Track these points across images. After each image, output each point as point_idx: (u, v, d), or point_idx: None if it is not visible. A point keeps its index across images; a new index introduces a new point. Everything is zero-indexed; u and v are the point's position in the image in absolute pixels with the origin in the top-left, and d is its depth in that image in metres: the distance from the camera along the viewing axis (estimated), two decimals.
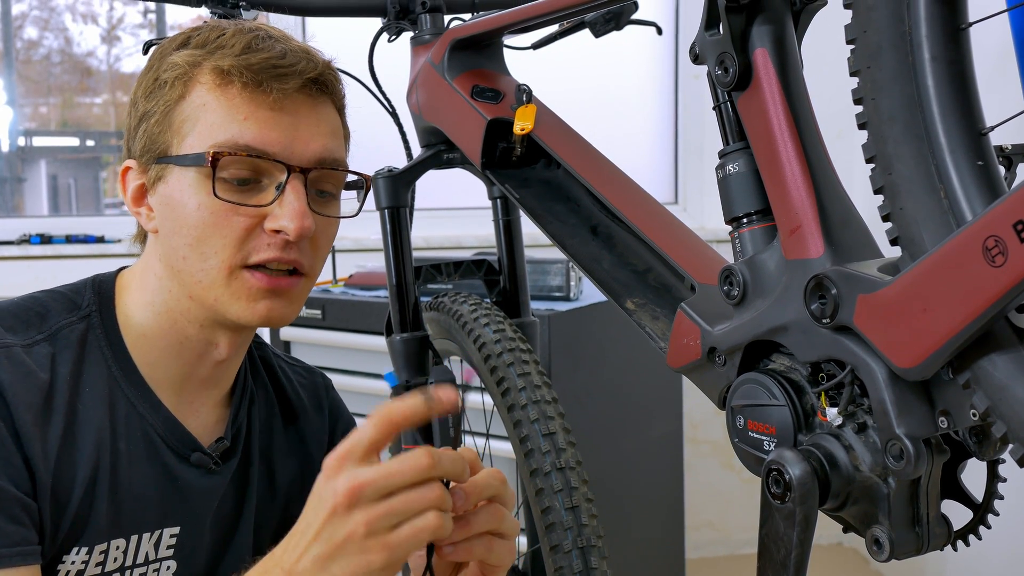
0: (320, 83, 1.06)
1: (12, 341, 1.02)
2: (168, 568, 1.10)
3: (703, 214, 3.47)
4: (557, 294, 2.30)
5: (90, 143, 3.76)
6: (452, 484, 0.90)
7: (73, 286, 1.11)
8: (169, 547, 1.10)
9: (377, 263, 2.53)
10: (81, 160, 3.71)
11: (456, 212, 3.32)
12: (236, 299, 1.03)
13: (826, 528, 0.87)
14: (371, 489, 0.82)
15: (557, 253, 1.38)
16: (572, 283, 2.30)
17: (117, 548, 1.06)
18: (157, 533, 1.09)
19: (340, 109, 1.12)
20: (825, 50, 1.56)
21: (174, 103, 1.03)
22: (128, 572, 1.07)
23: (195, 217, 1.01)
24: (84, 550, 1.03)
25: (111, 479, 1.04)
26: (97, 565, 1.04)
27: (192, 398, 1.12)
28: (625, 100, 3.52)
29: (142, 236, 1.12)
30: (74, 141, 3.75)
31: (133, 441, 1.07)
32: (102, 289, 1.10)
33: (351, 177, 1.12)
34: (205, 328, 1.07)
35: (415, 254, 1.46)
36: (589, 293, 2.37)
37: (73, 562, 1.02)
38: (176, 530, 1.10)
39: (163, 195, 1.04)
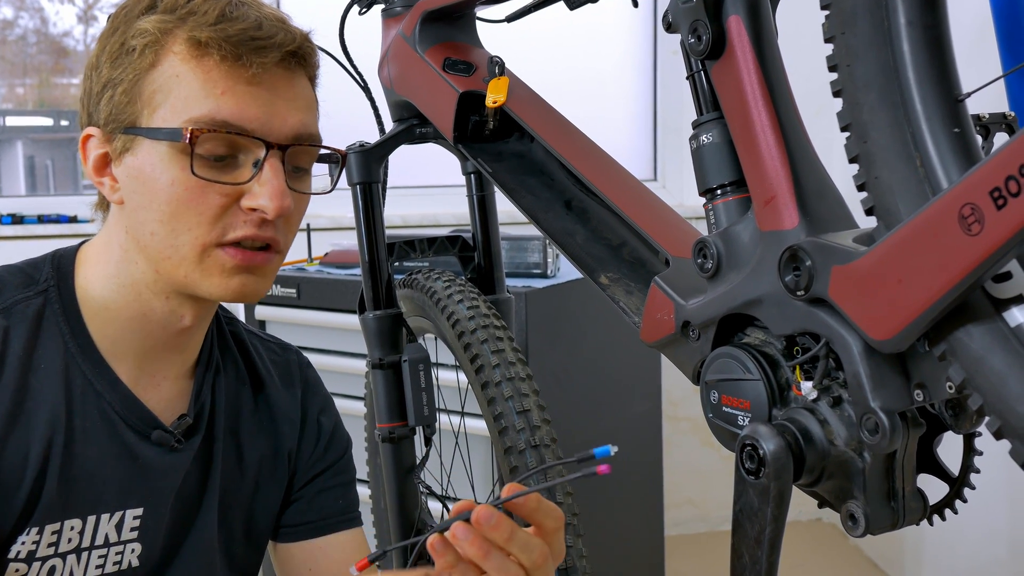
0: (298, 56, 1.03)
1: None
2: (133, 551, 1.09)
3: (682, 191, 3.45)
4: (535, 271, 2.29)
5: (64, 123, 3.71)
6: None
7: (32, 261, 1.08)
8: (133, 529, 1.08)
9: (353, 241, 2.50)
10: (59, 141, 3.66)
11: (433, 190, 3.30)
12: (208, 276, 1.01)
13: (805, 504, 0.86)
14: None
15: (535, 230, 1.36)
16: (550, 260, 2.28)
17: (72, 529, 1.03)
18: (118, 514, 1.07)
19: (312, 80, 1.09)
20: (803, 26, 1.54)
21: (144, 72, 0.99)
22: (86, 553, 1.05)
23: (168, 193, 0.98)
24: (35, 530, 1.01)
25: (63, 458, 1.02)
26: (49, 546, 1.02)
27: (154, 370, 1.09)
28: (603, 77, 3.50)
29: (104, 205, 1.09)
30: (48, 121, 3.70)
31: (90, 419, 1.04)
32: (61, 264, 1.07)
33: (324, 151, 1.09)
34: (171, 300, 1.05)
35: (392, 232, 1.44)
36: (567, 270, 2.35)
37: (23, 543, 1.00)
38: (139, 511, 1.08)
39: (131, 167, 1.01)
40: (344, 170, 1.36)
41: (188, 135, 0.96)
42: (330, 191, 1.11)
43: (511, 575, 0.85)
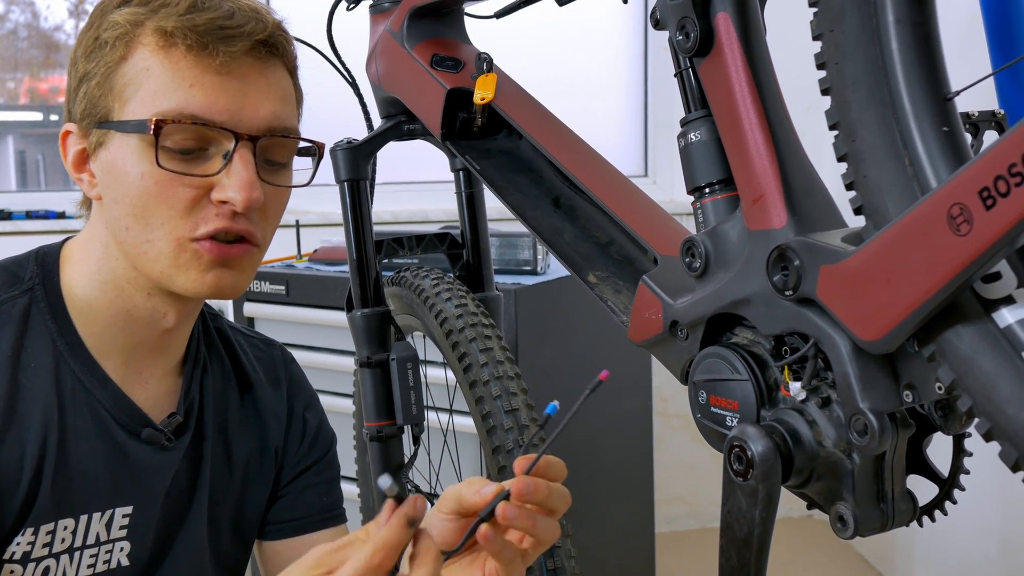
0: (270, 45, 1.01)
1: None
2: (122, 549, 1.08)
3: (673, 188, 3.45)
4: (525, 268, 2.28)
5: (54, 118, 3.70)
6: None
7: (16, 259, 1.07)
8: (122, 527, 1.07)
9: (342, 238, 2.49)
10: (50, 136, 3.65)
11: (424, 186, 3.29)
12: (184, 271, 1.00)
13: (796, 500, 0.85)
14: None
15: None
16: (540, 257, 2.28)
17: (65, 528, 1.03)
18: (108, 513, 1.06)
19: (292, 71, 1.07)
20: (792, 24, 1.53)
21: (115, 65, 0.98)
22: (78, 553, 1.04)
23: (138, 186, 0.97)
24: (30, 531, 1.00)
25: (58, 457, 1.01)
26: (44, 546, 1.01)
27: (141, 368, 1.08)
28: (593, 73, 3.49)
29: (87, 203, 1.08)
30: (38, 116, 3.68)
31: (81, 417, 1.03)
32: (46, 261, 1.06)
33: (303, 144, 1.08)
34: (153, 297, 1.04)
35: (382, 229, 1.43)
36: (557, 267, 2.34)
37: (19, 543, 1.00)
38: (129, 510, 1.07)
39: (105, 162, 1.00)
40: (332, 167, 1.35)
41: (153, 126, 0.95)
42: (307, 184, 1.10)
43: (552, 530, 0.88)
